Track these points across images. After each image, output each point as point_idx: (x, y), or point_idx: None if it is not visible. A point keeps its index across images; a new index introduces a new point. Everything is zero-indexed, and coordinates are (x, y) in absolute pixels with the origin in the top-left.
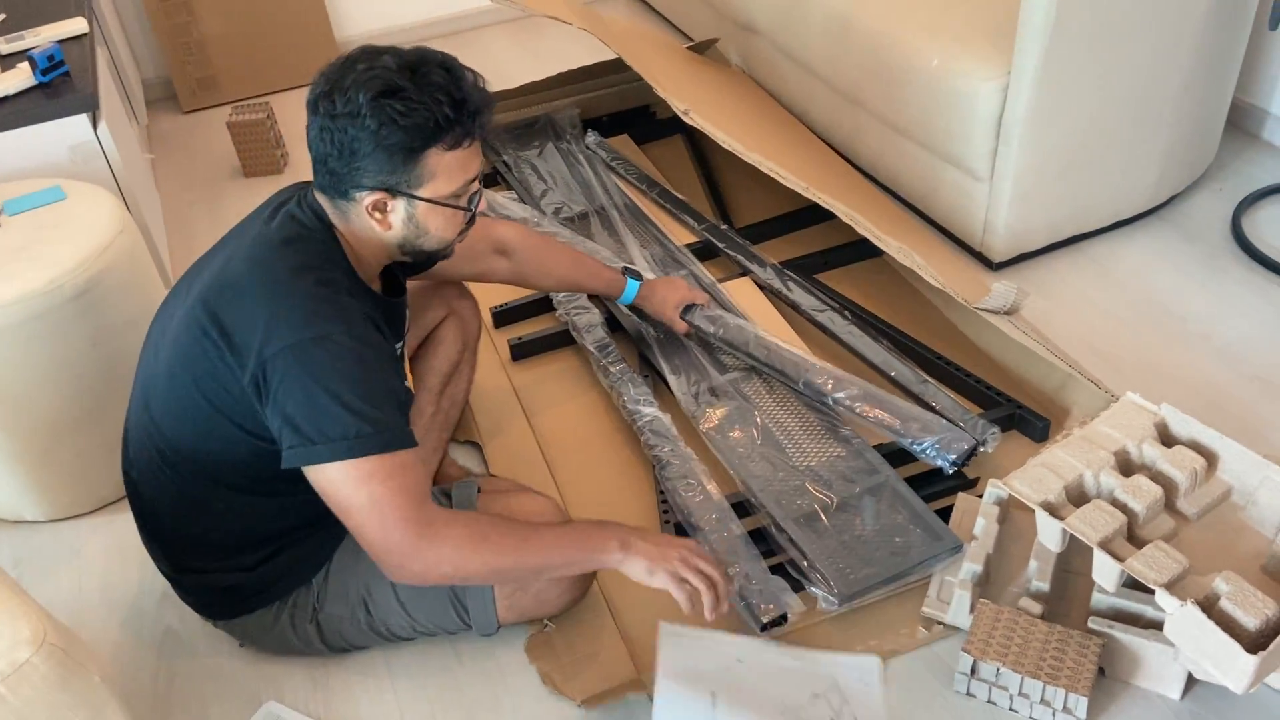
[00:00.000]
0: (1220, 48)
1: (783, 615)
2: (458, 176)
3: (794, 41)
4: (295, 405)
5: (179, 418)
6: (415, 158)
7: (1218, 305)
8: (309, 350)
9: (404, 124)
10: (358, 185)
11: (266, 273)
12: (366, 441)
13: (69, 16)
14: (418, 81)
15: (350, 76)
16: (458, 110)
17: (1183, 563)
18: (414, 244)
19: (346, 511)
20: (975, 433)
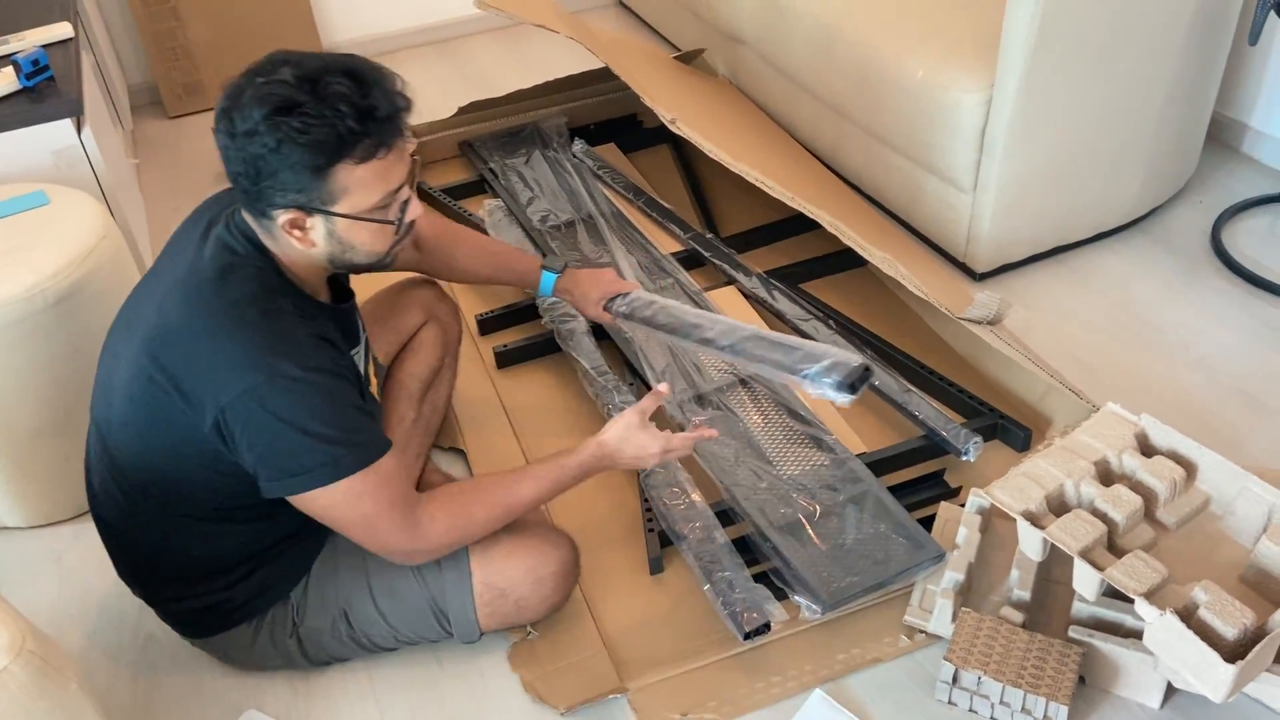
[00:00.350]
0: (1201, 62)
1: (766, 624)
2: (376, 189)
3: (780, 52)
4: (265, 445)
5: (139, 459)
6: (324, 174)
7: (1197, 317)
8: (265, 392)
9: (303, 141)
10: (271, 204)
11: (206, 315)
12: (344, 462)
13: (54, 21)
14: (318, 93)
15: (248, 92)
16: (363, 121)
17: (1162, 572)
18: (342, 259)
19: (342, 528)
20: (958, 442)
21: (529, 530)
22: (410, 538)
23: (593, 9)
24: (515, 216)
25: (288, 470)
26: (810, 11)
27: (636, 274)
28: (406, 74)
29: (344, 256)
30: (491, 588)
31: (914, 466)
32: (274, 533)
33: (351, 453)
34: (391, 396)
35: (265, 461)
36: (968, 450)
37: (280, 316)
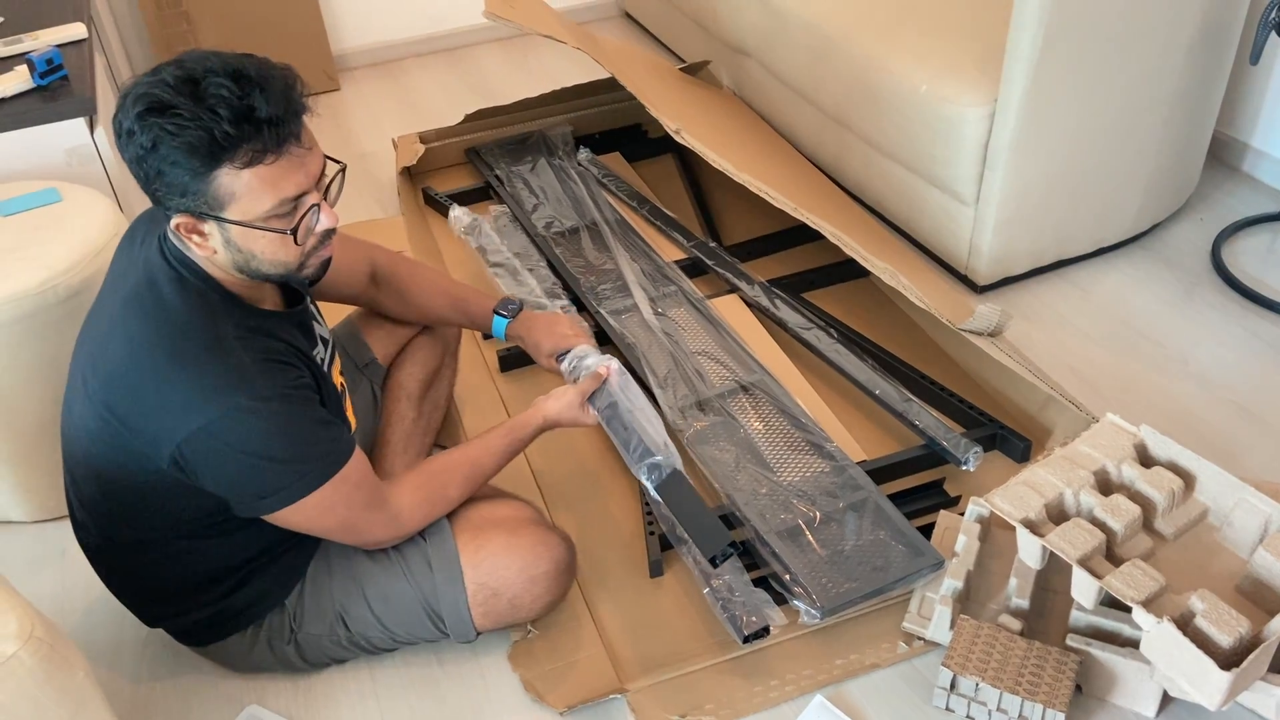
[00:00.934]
0: (1202, 80)
1: (765, 628)
2: (267, 195)
3: (784, 65)
4: (228, 476)
5: (107, 492)
6: (204, 178)
7: (1196, 332)
8: (221, 427)
9: (177, 144)
10: (166, 207)
11: (151, 355)
12: (310, 478)
13: (68, 22)
14: (196, 95)
15: (130, 93)
16: (239, 124)
17: (1159, 581)
18: (249, 267)
19: (322, 534)
20: (958, 451)
21: (522, 529)
22: (389, 529)
23: (599, 20)
24: (520, 223)
25: (256, 494)
26: (814, 24)
27: (640, 280)
28: (414, 81)
29: (249, 265)
30: (485, 588)
31: (914, 475)
32: (261, 540)
33: (315, 467)
34: (392, 397)
35: (232, 489)
36: (968, 460)
37: (224, 346)
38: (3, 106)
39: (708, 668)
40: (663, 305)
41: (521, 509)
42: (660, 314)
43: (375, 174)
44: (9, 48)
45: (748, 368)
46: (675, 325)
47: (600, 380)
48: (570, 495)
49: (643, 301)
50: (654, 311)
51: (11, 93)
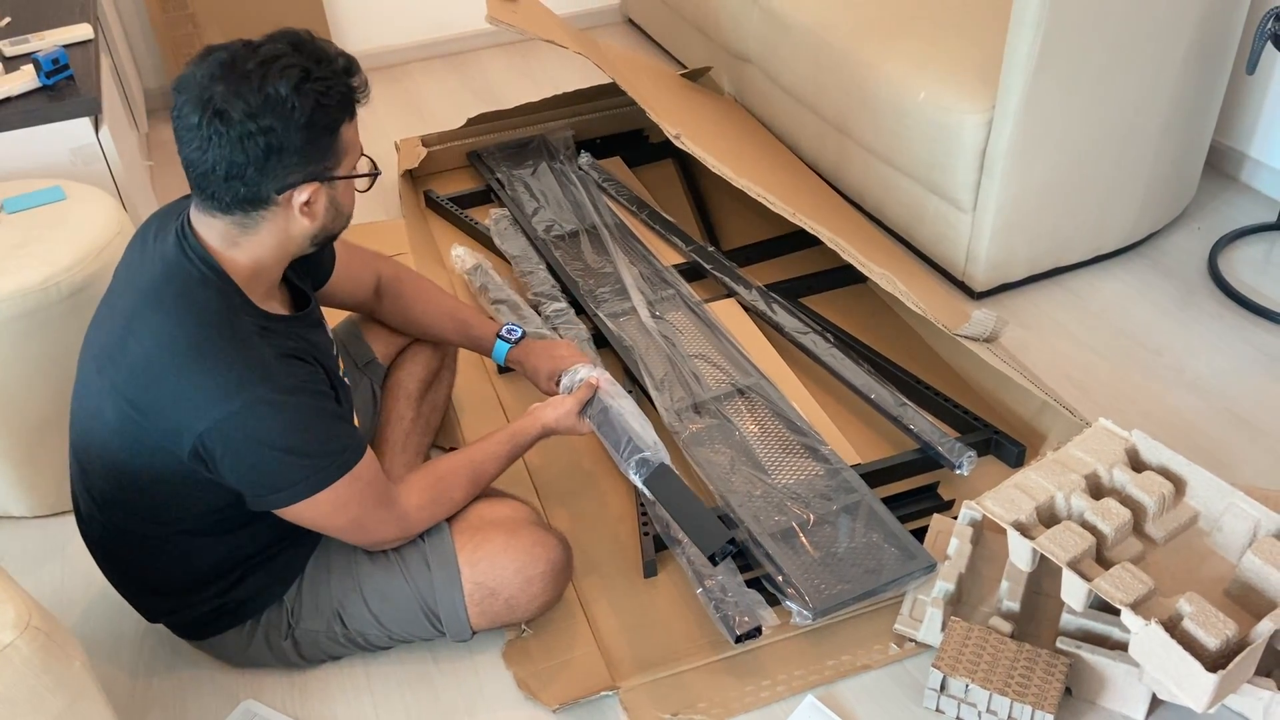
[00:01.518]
0: (1200, 90)
1: (757, 628)
2: (357, 145)
3: (785, 71)
4: (248, 467)
5: (120, 483)
6: (336, 136)
7: (1192, 340)
8: (243, 418)
9: (327, 103)
10: (283, 185)
11: (173, 348)
12: (327, 473)
13: (75, 22)
14: (319, 59)
15: (252, 77)
16: (354, 76)
17: (1148, 584)
18: (328, 230)
19: (332, 532)
20: (953, 456)
21: (520, 530)
22: (396, 528)
23: (602, 26)
24: (520, 226)
25: (273, 487)
26: (815, 31)
27: (638, 284)
28: (417, 85)
29: (333, 225)
30: (482, 587)
31: (908, 479)
32: (263, 537)
33: (331, 462)
34: (391, 396)
35: (249, 481)
36: (961, 464)
37: (246, 340)
38: (9, 105)
39: (700, 667)
40: (660, 308)
41: (519, 509)
42: (658, 317)
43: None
44: (15, 48)
45: (744, 371)
46: (673, 328)
47: (593, 389)
48: (566, 495)
49: (641, 305)
50: (652, 315)
51: (18, 92)
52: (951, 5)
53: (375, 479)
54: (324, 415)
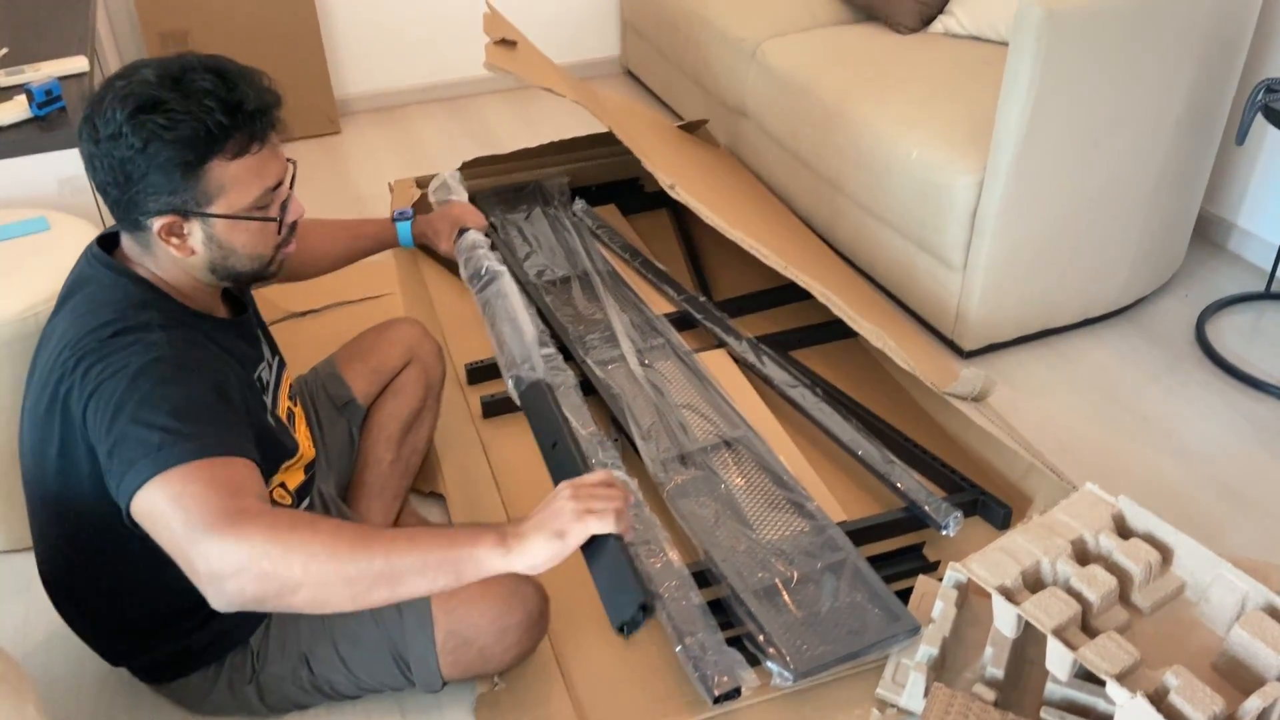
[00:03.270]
0: (1189, 159)
1: (736, 689)
2: (253, 186)
3: (780, 126)
4: (107, 443)
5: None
6: (195, 173)
7: (1179, 407)
8: (107, 386)
9: (170, 138)
10: (144, 211)
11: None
12: (169, 451)
13: (72, 55)
14: (182, 90)
15: (109, 95)
16: (231, 115)
17: (1134, 655)
18: (224, 266)
19: (169, 541)
20: (939, 516)
21: (496, 579)
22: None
23: (602, 77)
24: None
25: (120, 469)
26: (811, 89)
27: (628, 331)
28: (415, 127)
29: (226, 263)
30: (455, 635)
31: (894, 538)
32: None
33: (182, 440)
34: (370, 438)
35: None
36: (948, 525)
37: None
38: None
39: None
40: (650, 357)
41: None
42: (647, 365)
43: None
44: (10, 78)
45: (732, 423)
46: (661, 377)
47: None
48: None
49: (630, 353)
50: (641, 363)
51: (9, 121)
52: (944, 67)
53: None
54: (199, 396)
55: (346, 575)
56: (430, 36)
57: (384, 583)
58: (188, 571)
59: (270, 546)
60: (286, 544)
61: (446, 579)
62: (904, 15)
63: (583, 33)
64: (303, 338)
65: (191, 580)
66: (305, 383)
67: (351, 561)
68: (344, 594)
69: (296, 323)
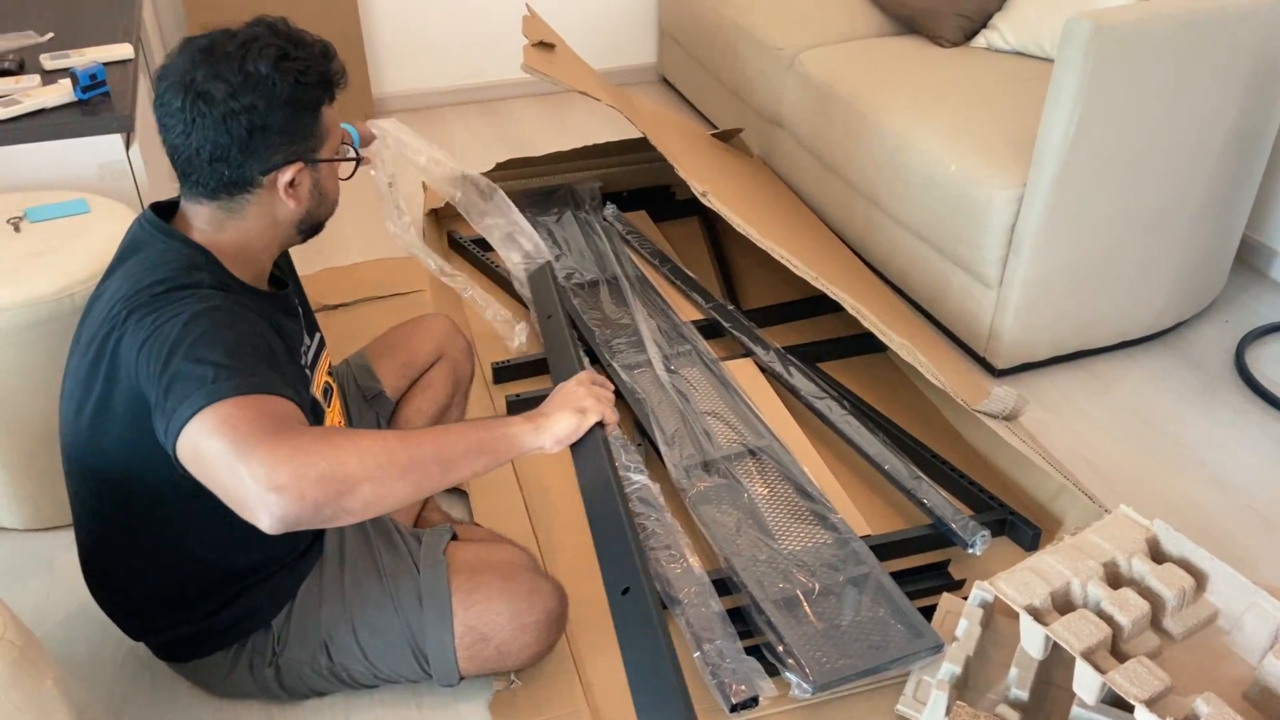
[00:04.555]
0: (1233, 183)
1: (754, 698)
2: (337, 130)
3: (816, 138)
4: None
5: (107, 475)
6: (318, 117)
7: (1216, 434)
8: (162, 330)
9: (307, 81)
10: (267, 166)
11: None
12: (222, 385)
13: (117, 42)
14: (296, 41)
15: (233, 58)
16: (331, 61)
17: (1165, 681)
18: (314, 215)
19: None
20: (966, 534)
21: (517, 575)
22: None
23: (637, 84)
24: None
25: (172, 407)
26: (848, 100)
27: (655, 337)
28: (449, 128)
29: (318, 211)
30: (474, 631)
31: (918, 554)
32: (256, 556)
33: (232, 376)
34: None
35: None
36: (974, 543)
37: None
38: (43, 116)
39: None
40: (676, 363)
41: (518, 555)
42: (673, 371)
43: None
44: (55, 61)
45: (757, 432)
46: (687, 384)
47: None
48: (565, 545)
49: (656, 358)
50: (667, 369)
51: (53, 104)
52: (986, 81)
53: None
54: (249, 340)
55: (401, 465)
56: (467, 39)
57: (437, 468)
58: (238, 499)
59: (324, 447)
60: (339, 445)
61: (486, 459)
62: (945, 28)
63: (620, 39)
64: (333, 331)
65: (242, 509)
66: (337, 373)
67: (404, 451)
68: (403, 485)
69: (327, 315)
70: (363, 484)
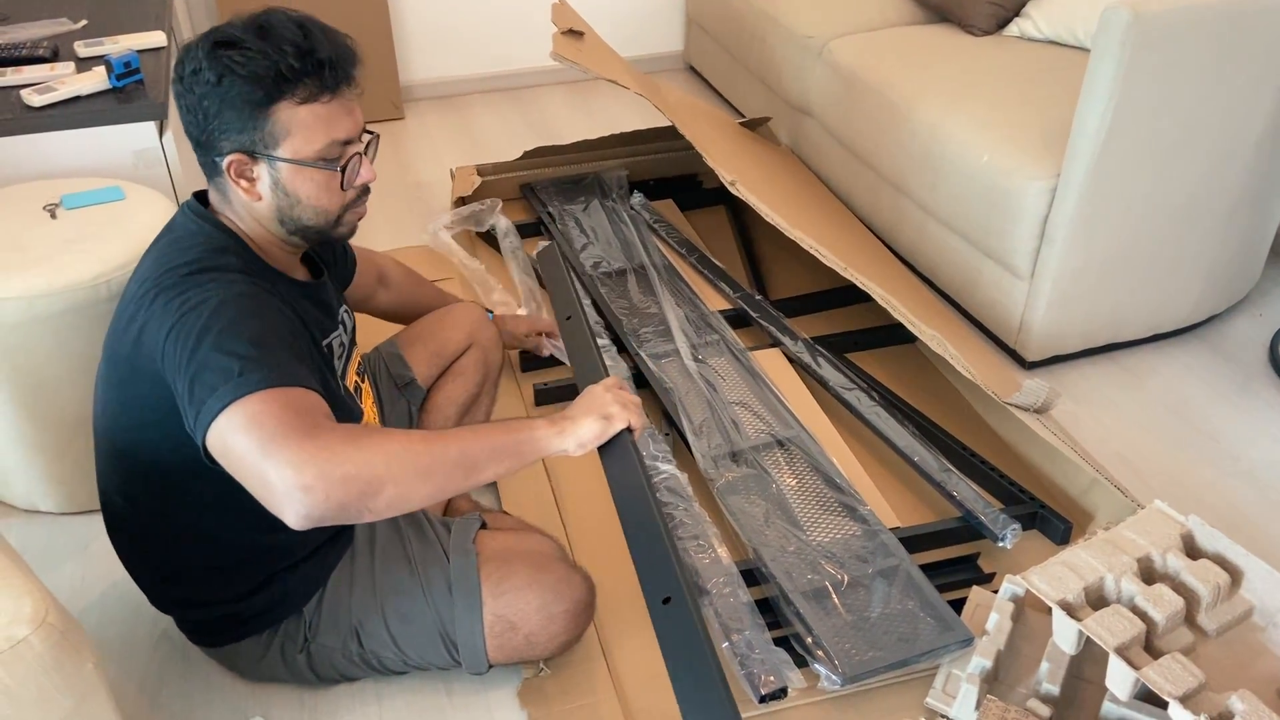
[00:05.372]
0: (1269, 175)
1: (783, 689)
2: (319, 135)
3: (845, 127)
4: (187, 373)
5: (138, 458)
6: (264, 111)
7: (1249, 429)
8: (189, 318)
9: (243, 73)
10: (218, 151)
11: (152, 285)
12: (249, 378)
13: (149, 30)
14: (262, 33)
15: (197, 38)
16: (303, 59)
17: (1199, 677)
18: (291, 215)
19: (243, 467)
20: (996, 527)
21: (546, 565)
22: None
23: (663, 71)
24: (568, 260)
25: (200, 398)
26: (879, 90)
27: (683, 326)
28: (476, 116)
29: (292, 212)
30: (502, 619)
31: (948, 547)
32: (289, 541)
33: (260, 368)
34: (429, 420)
35: (188, 394)
36: (1005, 536)
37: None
38: (78, 104)
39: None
40: (704, 353)
41: (547, 544)
42: (700, 361)
43: (430, 203)
44: (89, 49)
45: (785, 423)
46: (715, 374)
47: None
48: (594, 535)
49: (684, 347)
50: (694, 358)
51: (87, 91)
52: (1019, 70)
53: (311, 398)
54: (276, 331)
55: (425, 467)
56: (494, 28)
57: (460, 471)
58: (265, 495)
59: (349, 449)
60: (364, 446)
61: (511, 462)
62: (978, 17)
63: (647, 26)
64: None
65: (269, 505)
66: (368, 360)
67: (428, 454)
68: (426, 487)
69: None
70: (387, 485)
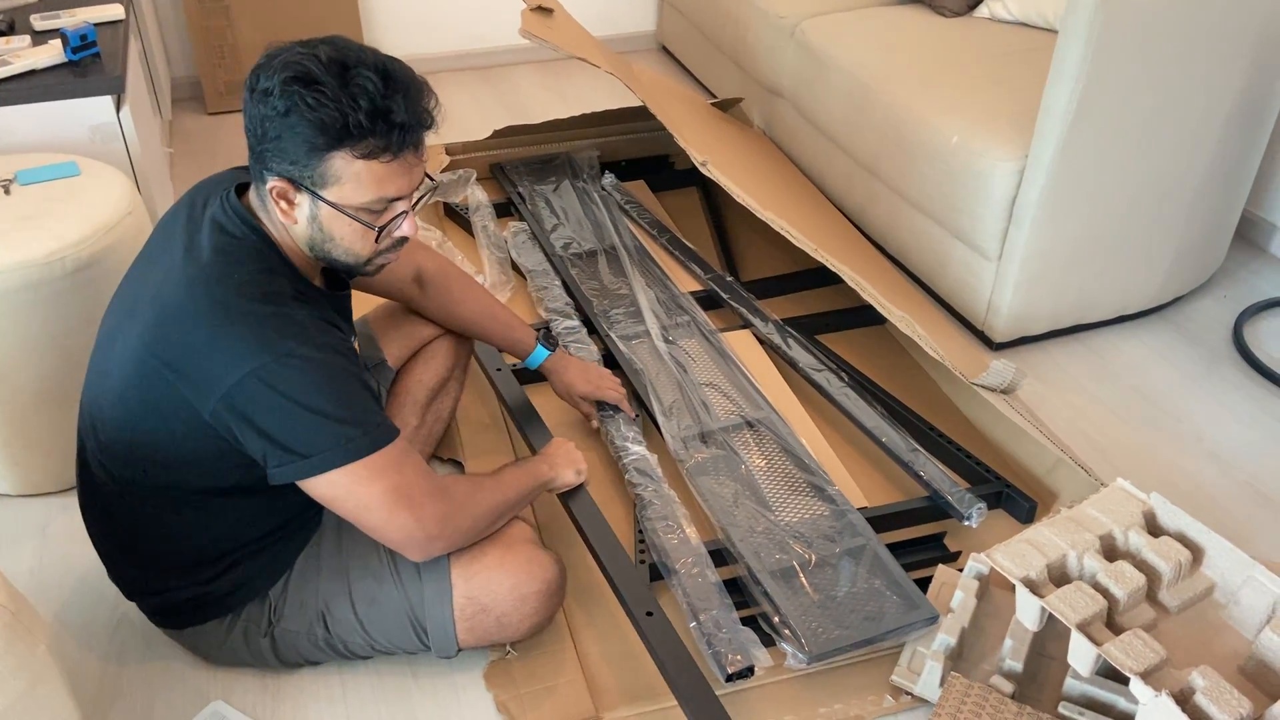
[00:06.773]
0: (1235, 158)
1: (749, 668)
2: (370, 189)
3: (817, 108)
4: (275, 427)
5: (130, 441)
6: (320, 155)
7: (1213, 409)
8: (274, 371)
9: (310, 117)
10: (268, 169)
11: (207, 301)
12: (358, 444)
13: (107, 2)
14: (343, 79)
15: (280, 57)
16: (374, 119)
17: (1160, 653)
18: (322, 248)
19: (362, 511)
20: (962, 506)
21: (516, 546)
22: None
23: (635, 51)
24: (539, 241)
25: (298, 453)
26: (851, 71)
27: (653, 308)
28: (446, 95)
29: (323, 246)
30: (474, 602)
31: (915, 527)
32: (258, 525)
33: (366, 434)
34: (397, 402)
35: (274, 445)
36: (970, 515)
37: (281, 300)
38: (33, 78)
39: None
40: (674, 334)
41: (517, 526)
42: (671, 342)
43: None
44: (46, 22)
45: (755, 404)
46: (685, 355)
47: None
48: (562, 517)
49: (654, 329)
50: (665, 339)
51: (43, 65)
52: (988, 52)
53: (408, 463)
54: (358, 383)
55: (500, 512)
56: (465, 4)
57: (511, 510)
58: (389, 537)
59: (469, 509)
60: (476, 502)
61: (529, 500)
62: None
63: (619, 5)
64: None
65: (389, 544)
66: None
67: (503, 503)
68: (494, 527)
69: None
70: (481, 531)
